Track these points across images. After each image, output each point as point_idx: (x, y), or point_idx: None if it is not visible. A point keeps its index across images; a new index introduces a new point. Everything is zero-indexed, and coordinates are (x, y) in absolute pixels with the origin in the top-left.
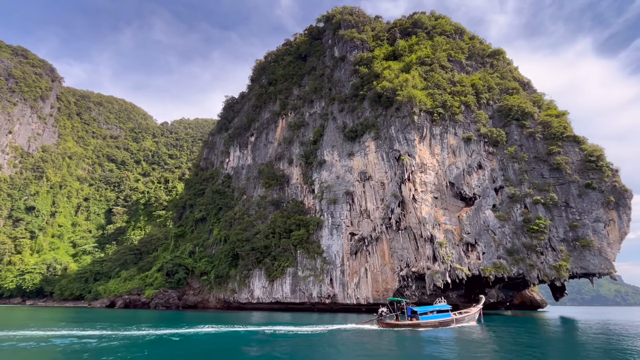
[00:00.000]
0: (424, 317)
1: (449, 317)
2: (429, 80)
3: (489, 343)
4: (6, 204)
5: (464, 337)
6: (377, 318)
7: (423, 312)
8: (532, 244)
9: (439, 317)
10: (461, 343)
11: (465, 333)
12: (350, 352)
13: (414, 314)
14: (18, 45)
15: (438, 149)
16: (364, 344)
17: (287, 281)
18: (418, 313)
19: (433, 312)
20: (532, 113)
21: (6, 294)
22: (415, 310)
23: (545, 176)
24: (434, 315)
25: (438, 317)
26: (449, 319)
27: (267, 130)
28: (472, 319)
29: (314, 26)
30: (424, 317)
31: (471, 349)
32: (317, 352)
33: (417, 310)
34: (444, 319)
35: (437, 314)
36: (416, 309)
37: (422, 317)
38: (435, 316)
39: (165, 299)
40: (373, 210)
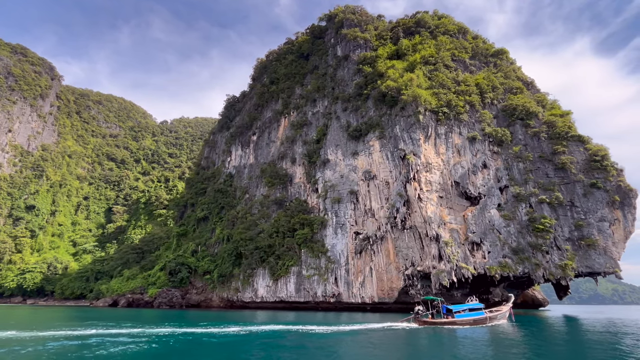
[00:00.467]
0: (459, 315)
1: (483, 315)
2: (434, 80)
3: (528, 341)
4: (6, 203)
5: (501, 335)
6: (414, 316)
7: (458, 311)
8: (537, 243)
9: (473, 315)
10: (501, 341)
11: (501, 331)
12: (401, 349)
13: (449, 312)
14: (17, 44)
15: (443, 148)
16: (408, 342)
17: (292, 280)
18: (453, 311)
19: (466, 310)
20: (536, 112)
21: (7, 293)
22: (451, 309)
23: (550, 175)
24: (468, 314)
25: (473, 315)
26: (483, 317)
27: (270, 129)
28: (504, 317)
29: (316, 25)
30: (459, 315)
31: (513, 347)
32: (373, 350)
33: (453, 309)
34: (478, 317)
35: (470, 312)
36: (451, 307)
37: (457, 315)
38: (470, 314)
39: (168, 298)
40: (378, 210)
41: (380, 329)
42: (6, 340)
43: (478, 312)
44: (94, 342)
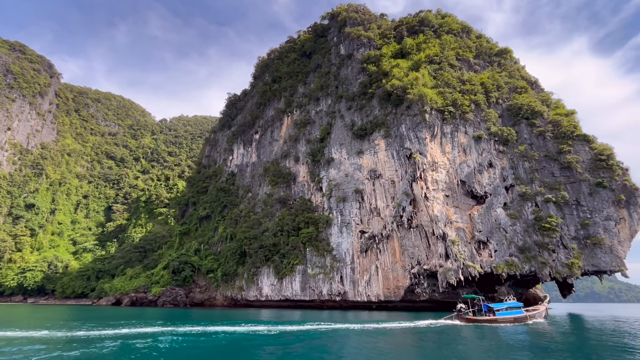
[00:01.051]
0: (500, 313)
1: (523, 314)
2: (439, 79)
3: (572, 339)
4: (6, 202)
5: (544, 332)
6: (457, 314)
7: (499, 309)
8: (543, 241)
9: (514, 314)
10: (555, 338)
11: (545, 329)
12: (461, 344)
13: (490, 310)
14: (15, 41)
15: (449, 147)
16: (459, 338)
17: (297, 279)
18: (495, 309)
19: (507, 309)
20: (541, 112)
21: (7, 292)
22: (492, 307)
23: (556, 175)
24: (509, 312)
25: (513, 314)
26: (523, 316)
27: (272, 127)
28: (540, 316)
29: (318, 23)
30: (500, 314)
31: (570, 343)
32: (436, 346)
33: (494, 307)
34: (518, 315)
35: (510, 310)
36: (492, 306)
37: (498, 313)
38: (510, 312)
39: (172, 296)
40: (383, 208)
41: (426, 327)
42: (51, 340)
43: (518, 310)
44: (148, 342)
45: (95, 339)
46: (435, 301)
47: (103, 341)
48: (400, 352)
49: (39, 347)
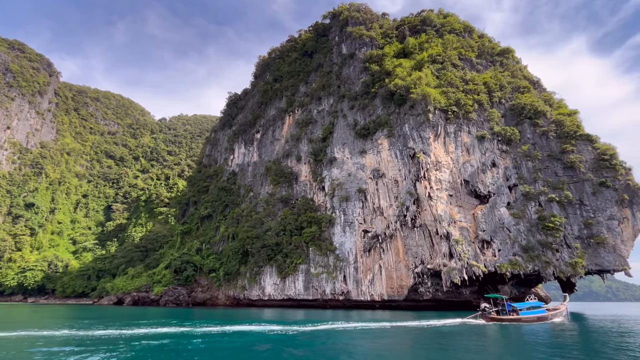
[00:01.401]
0: (524, 312)
1: (545, 313)
2: (442, 79)
3: (600, 337)
4: (5, 201)
5: (569, 331)
6: (481, 313)
7: (522, 308)
8: (547, 241)
9: (537, 313)
10: (575, 336)
11: (566, 328)
12: (489, 342)
13: (513, 310)
14: (15, 39)
15: (452, 147)
16: (485, 337)
17: (300, 278)
18: (518, 309)
19: (529, 308)
20: (544, 112)
21: (7, 291)
22: (515, 306)
23: (559, 174)
24: (532, 311)
25: (536, 313)
26: (545, 315)
27: (274, 127)
28: (561, 315)
29: (319, 23)
30: (523, 313)
31: (588, 341)
32: (466, 344)
33: (517, 306)
34: (541, 314)
35: (533, 310)
36: (515, 305)
37: (521, 312)
38: (534, 312)
39: (175, 296)
40: (386, 208)
41: (453, 325)
42: (77, 339)
43: (540, 310)
44: (178, 342)
45: (120, 339)
46: (438, 300)
47: (130, 341)
48: (445, 351)
49: (71, 348)
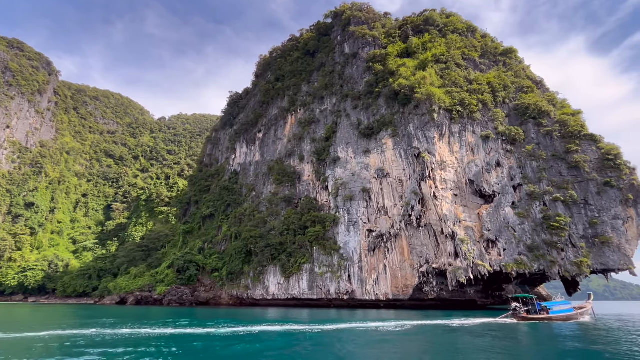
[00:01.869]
0: (553, 311)
1: (574, 312)
2: (446, 78)
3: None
4: (5, 200)
5: (600, 329)
6: (512, 312)
7: (551, 307)
8: (552, 240)
9: (566, 312)
10: (610, 334)
11: (596, 326)
12: (530, 341)
13: (543, 309)
14: (14, 38)
15: (457, 146)
16: (520, 334)
17: (304, 278)
18: (548, 308)
19: (558, 307)
20: (548, 112)
21: (8, 291)
22: (545, 306)
23: (564, 174)
24: (562, 310)
25: (565, 312)
26: (574, 314)
27: (276, 126)
28: (588, 314)
29: (321, 22)
30: (553, 312)
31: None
32: (504, 342)
33: (547, 305)
34: (570, 313)
35: (562, 309)
36: (545, 304)
37: (551, 311)
38: (563, 311)
39: (178, 295)
40: (391, 207)
41: (487, 324)
42: (108, 338)
43: (568, 309)
44: (209, 343)
45: (150, 339)
46: (442, 300)
47: (158, 340)
48: (492, 350)
49: (124, 348)
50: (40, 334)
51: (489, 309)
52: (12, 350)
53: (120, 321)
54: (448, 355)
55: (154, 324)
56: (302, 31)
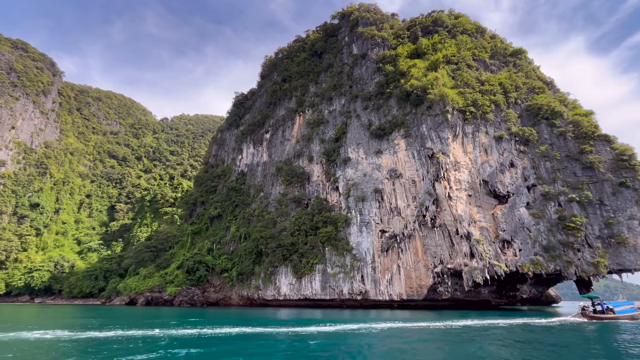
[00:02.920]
0: (619, 311)
1: (637, 312)
2: (457, 79)
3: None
4: (11, 201)
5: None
6: (581, 312)
7: (617, 307)
8: (568, 241)
9: (630, 312)
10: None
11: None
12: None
13: (608, 309)
14: (17, 39)
15: (470, 147)
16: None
17: (317, 278)
18: (614, 308)
19: (623, 307)
20: (561, 112)
21: (14, 291)
22: (610, 306)
23: (578, 174)
24: (626, 310)
25: (629, 312)
26: (637, 314)
27: (284, 127)
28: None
29: (328, 23)
30: (619, 312)
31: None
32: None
33: (613, 306)
34: (634, 313)
35: (627, 309)
36: (611, 305)
37: (618, 311)
38: (627, 310)
39: (189, 296)
40: (404, 208)
41: (564, 323)
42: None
43: (632, 308)
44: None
45: (229, 338)
46: (457, 300)
47: (202, 339)
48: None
49: (198, 349)
50: (108, 334)
51: (502, 309)
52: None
53: (164, 322)
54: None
55: (208, 324)
56: (308, 32)
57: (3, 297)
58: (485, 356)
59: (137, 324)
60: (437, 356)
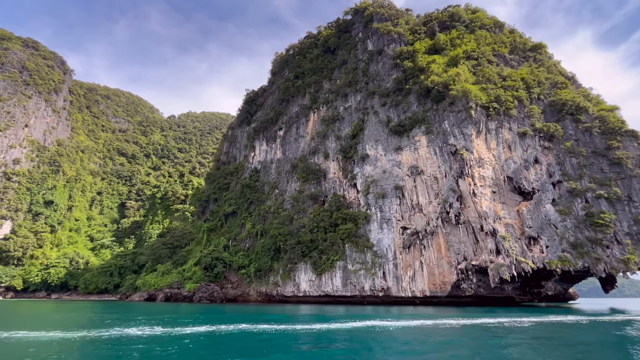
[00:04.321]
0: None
1: None
2: (478, 75)
3: None
4: (26, 199)
5: None
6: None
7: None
8: (596, 237)
9: None
10: None
11: None
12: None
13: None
14: (28, 37)
15: (494, 143)
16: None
17: (338, 274)
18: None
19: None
20: (586, 108)
21: (32, 287)
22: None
23: (605, 171)
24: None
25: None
26: None
27: (297, 124)
28: None
29: (341, 19)
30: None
31: None
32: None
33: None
34: None
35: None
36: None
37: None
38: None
39: (209, 292)
40: (426, 205)
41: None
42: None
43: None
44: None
45: (284, 335)
46: (479, 296)
47: (257, 335)
48: None
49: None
50: (189, 330)
51: (526, 305)
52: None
53: (212, 318)
54: None
55: (261, 320)
56: (319, 28)
57: (21, 293)
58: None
59: (197, 319)
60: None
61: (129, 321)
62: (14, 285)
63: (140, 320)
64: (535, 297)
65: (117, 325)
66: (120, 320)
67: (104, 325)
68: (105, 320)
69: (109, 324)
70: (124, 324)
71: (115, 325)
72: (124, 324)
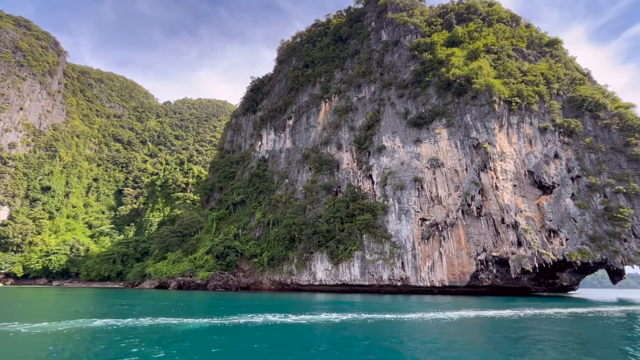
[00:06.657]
0: None
1: None
2: (499, 69)
3: None
4: (23, 184)
5: None
6: None
7: None
8: (615, 231)
9: None
10: None
11: None
12: None
13: None
14: (19, 16)
15: (515, 138)
16: None
17: (356, 264)
18: None
19: None
20: (604, 104)
21: (32, 274)
22: None
23: (623, 167)
24: None
25: None
26: None
27: (308, 113)
28: None
29: (352, 8)
30: None
31: None
32: None
33: None
34: None
35: None
36: None
37: None
38: None
39: (223, 280)
40: (445, 197)
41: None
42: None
43: None
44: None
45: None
46: (497, 287)
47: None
48: None
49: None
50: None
51: (540, 296)
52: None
53: (252, 306)
54: None
55: (312, 309)
56: (328, 16)
57: (21, 280)
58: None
59: (232, 309)
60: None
61: (235, 309)
62: (14, 272)
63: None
64: (550, 287)
65: (236, 315)
66: (217, 311)
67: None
68: (216, 310)
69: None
70: (238, 313)
71: (235, 315)
72: (239, 313)
